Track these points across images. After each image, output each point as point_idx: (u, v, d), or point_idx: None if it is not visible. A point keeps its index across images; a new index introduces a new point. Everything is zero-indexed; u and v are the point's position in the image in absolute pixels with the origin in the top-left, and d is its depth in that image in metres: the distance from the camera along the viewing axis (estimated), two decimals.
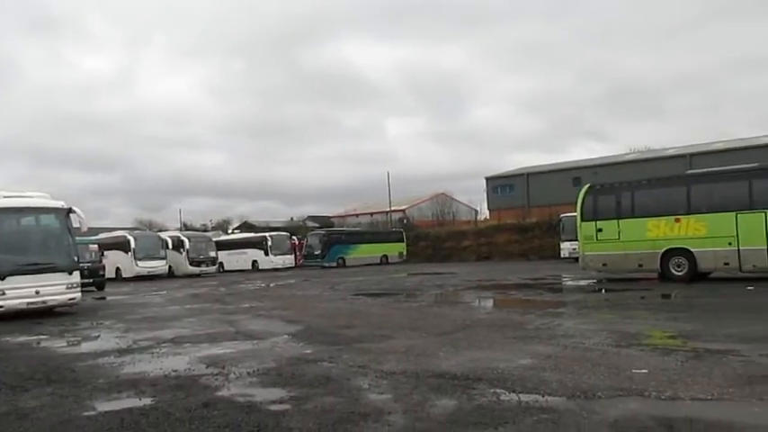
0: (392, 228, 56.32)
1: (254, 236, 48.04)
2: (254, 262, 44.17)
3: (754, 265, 16.66)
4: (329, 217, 74.33)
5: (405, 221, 61.10)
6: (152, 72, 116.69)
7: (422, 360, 7.05)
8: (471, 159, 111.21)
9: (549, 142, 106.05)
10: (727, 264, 17.11)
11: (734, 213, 16.92)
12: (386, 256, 47.30)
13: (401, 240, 49.77)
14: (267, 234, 46.42)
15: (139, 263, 35.09)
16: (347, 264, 44.59)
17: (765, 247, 16.32)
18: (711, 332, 8.39)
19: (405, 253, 49.01)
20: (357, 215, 71.76)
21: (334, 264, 44.07)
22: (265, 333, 10.15)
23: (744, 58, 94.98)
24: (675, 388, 5.25)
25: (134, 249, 35.17)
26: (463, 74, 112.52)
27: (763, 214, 16.45)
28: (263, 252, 44.12)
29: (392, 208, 60.03)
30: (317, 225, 63.20)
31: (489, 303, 15.81)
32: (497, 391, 5.42)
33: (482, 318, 11.77)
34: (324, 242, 45.35)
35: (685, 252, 17.59)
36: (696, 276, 17.47)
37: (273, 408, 5.20)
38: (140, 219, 72.36)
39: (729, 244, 16.86)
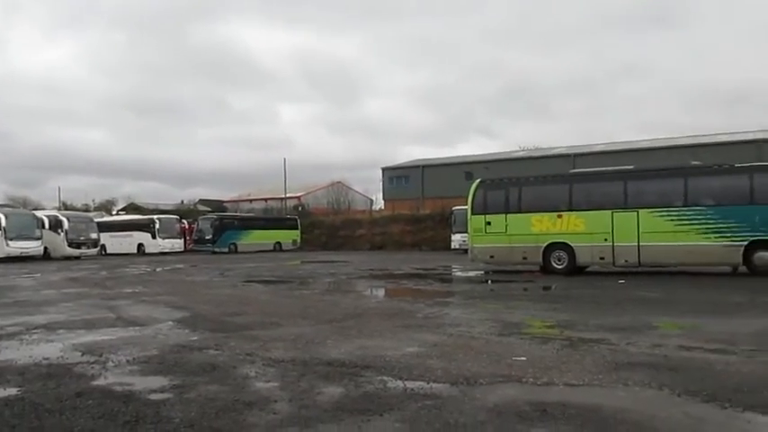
0: (287, 215, 55.77)
1: (141, 218, 46.09)
2: (140, 245, 42.38)
3: (626, 260, 17.90)
4: (222, 201, 72.49)
5: (300, 209, 60.69)
6: (28, 41, 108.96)
7: (311, 348, 7.02)
8: (367, 150, 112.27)
9: (441, 136, 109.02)
10: (602, 258, 18.27)
11: (610, 211, 18.08)
12: (279, 244, 46.78)
13: (295, 228, 49.40)
14: (155, 216, 44.66)
15: (11, 243, 32.43)
16: (239, 250, 43.73)
17: (636, 244, 17.57)
18: (585, 322, 8.91)
19: (299, 240, 48.69)
20: (251, 200, 70.46)
21: (226, 249, 43.09)
22: (148, 319, 9.74)
23: (626, 66, 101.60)
24: (551, 374, 5.53)
25: (4, 228, 32.43)
26: (359, 64, 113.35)
27: (636, 213, 17.69)
28: (150, 235, 42.41)
29: (288, 195, 59.34)
30: (208, 209, 61.39)
31: (381, 292, 16.01)
32: (384, 378, 5.49)
33: (373, 306, 11.89)
34: (215, 227, 44.20)
35: (565, 246, 18.62)
36: (575, 269, 18.54)
37: (154, 397, 4.99)
38: (13, 195, 67.06)
39: (605, 240, 18.01)
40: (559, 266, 18.66)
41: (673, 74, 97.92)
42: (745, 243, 16.44)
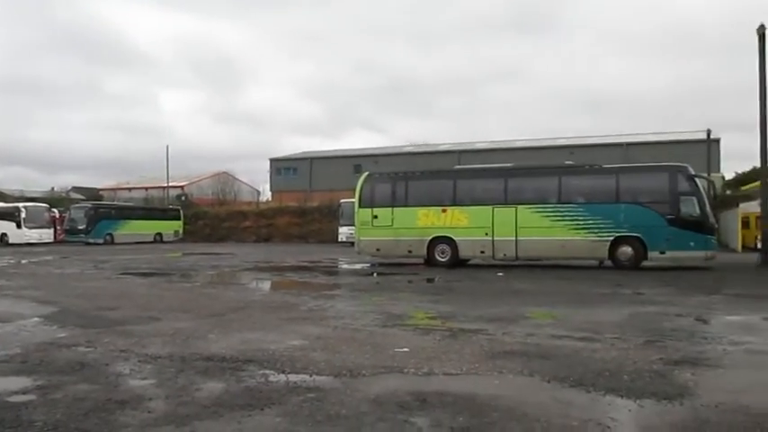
0: (169, 205, 53.58)
1: (5, 206, 42.53)
2: (4, 235, 39.19)
3: (504, 254, 18.75)
4: (98, 189, 68.45)
5: (183, 198, 58.49)
6: None
7: (190, 343, 6.80)
8: (252, 140, 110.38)
9: (327, 129, 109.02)
10: (483, 252, 19.02)
11: (491, 207, 18.85)
12: (160, 234, 44.92)
13: (178, 218, 47.62)
14: (21, 204, 41.43)
15: None
16: (116, 241, 41.53)
17: (514, 239, 18.44)
18: (465, 313, 9.24)
19: (181, 231, 47.00)
20: (130, 189, 67.11)
21: (101, 240, 40.76)
22: (11, 315, 9.03)
23: (501, 69, 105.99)
24: (431, 364, 5.69)
25: None
26: (243, 53, 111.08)
27: (515, 209, 18.55)
28: (14, 224, 39.26)
29: (170, 184, 57.01)
30: (82, 197, 57.77)
31: (265, 285, 15.78)
32: (266, 372, 5.42)
33: (256, 299, 11.70)
34: (89, 216, 41.68)
35: (449, 240, 19.20)
36: (457, 263, 19.17)
37: (14, 399, 4.63)
38: None
39: (486, 234, 18.76)
40: (443, 260, 19.21)
41: (545, 78, 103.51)
42: (611, 239, 17.72)
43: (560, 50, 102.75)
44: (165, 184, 57.34)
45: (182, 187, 62.85)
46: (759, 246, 20.15)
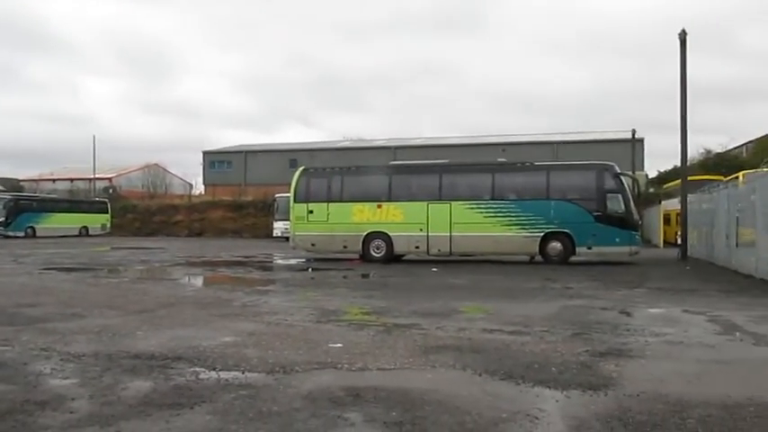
0: (96, 197, 51.66)
1: None
2: None
3: (439, 250, 18.98)
4: (18, 180, 65.24)
5: (111, 191, 56.50)
6: None
7: (117, 340, 6.57)
8: (185, 132, 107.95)
9: (260, 122, 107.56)
10: (417, 247, 19.19)
11: (426, 203, 19.04)
12: (86, 228, 43.28)
13: (105, 211, 45.99)
14: None
15: None
16: (38, 234, 39.71)
17: (449, 234, 18.69)
18: (400, 308, 9.30)
19: (109, 225, 45.43)
20: (54, 180, 64.26)
21: (22, 233, 38.91)
22: None
23: (432, 67, 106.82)
24: (365, 360, 5.70)
25: None
26: (173, 43, 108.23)
27: (449, 205, 18.80)
28: None
29: (97, 175, 54.95)
30: (1, 188, 54.95)
31: (197, 280, 15.42)
32: (197, 369, 5.30)
33: (188, 295, 11.43)
34: (9, 208, 39.70)
35: (384, 236, 19.28)
36: (392, 258, 19.28)
37: None
38: None
39: (420, 230, 18.93)
40: (378, 255, 19.28)
41: (476, 77, 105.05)
42: (542, 234, 18.21)
43: (490, 51, 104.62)
44: (92, 176, 55.26)
45: (109, 179, 60.75)
46: (679, 241, 21.16)
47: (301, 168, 21.40)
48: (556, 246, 18.20)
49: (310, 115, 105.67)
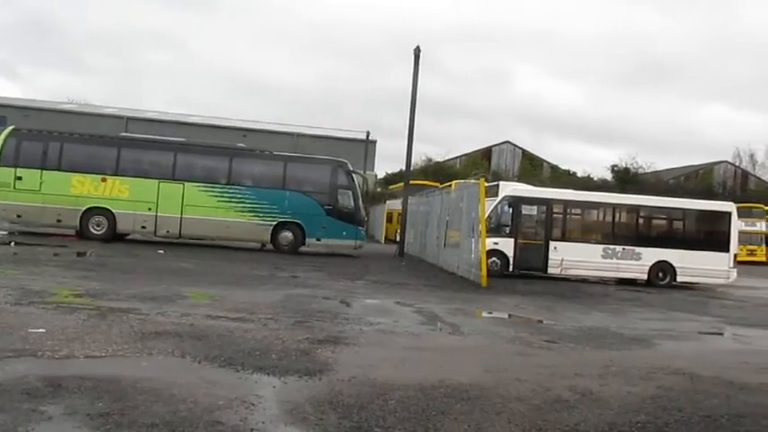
0: None
1: None
2: None
3: (168, 231, 18.12)
4: None
5: None
6: None
7: None
8: None
9: None
10: (144, 227, 18.08)
11: (157, 181, 18.04)
12: None
13: None
14: None
15: None
16: None
17: (179, 216, 17.95)
18: (118, 291, 8.70)
19: None
20: None
21: None
22: None
23: (159, 37, 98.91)
24: (72, 346, 5.22)
25: None
26: None
27: (182, 185, 18.06)
28: None
29: None
30: None
31: None
32: None
33: None
34: None
35: (107, 212, 17.80)
36: (115, 237, 17.89)
37: None
38: None
39: (149, 209, 17.88)
40: (98, 232, 17.73)
41: (208, 55, 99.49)
42: (274, 223, 18.47)
43: (222, 30, 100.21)
44: None
45: None
46: (398, 239, 23.15)
47: (11, 127, 18.74)
48: (287, 235, 18.61)
49: (15, 67, 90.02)
